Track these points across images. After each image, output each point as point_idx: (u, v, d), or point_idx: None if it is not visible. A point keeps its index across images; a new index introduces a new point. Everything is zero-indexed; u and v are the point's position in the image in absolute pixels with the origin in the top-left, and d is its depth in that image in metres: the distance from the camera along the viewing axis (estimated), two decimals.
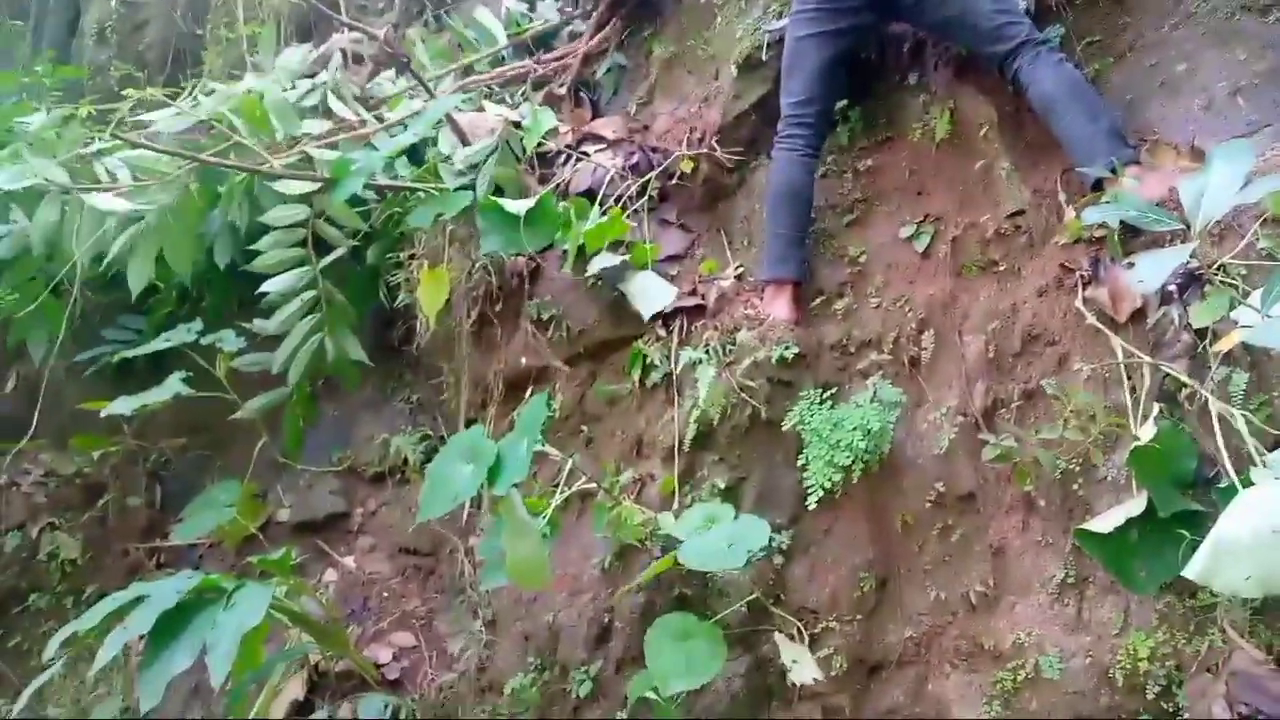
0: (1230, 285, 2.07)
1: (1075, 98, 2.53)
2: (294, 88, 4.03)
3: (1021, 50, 2.62)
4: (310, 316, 3.53)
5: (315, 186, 3.35)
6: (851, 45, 2.92)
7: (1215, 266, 2.10)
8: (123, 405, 3.24)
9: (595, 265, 2.95)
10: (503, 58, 4.15)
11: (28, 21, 6.95)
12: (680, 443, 2.72)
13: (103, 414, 3.29)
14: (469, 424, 3.41)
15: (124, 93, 4.32)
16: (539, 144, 3.46)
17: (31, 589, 3.86)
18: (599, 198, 3.23)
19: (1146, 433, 2.05)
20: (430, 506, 2.44)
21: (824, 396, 2.64)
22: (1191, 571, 1.74)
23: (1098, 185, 2.47)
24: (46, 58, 6.27)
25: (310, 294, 3.49)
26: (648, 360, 2.93)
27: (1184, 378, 2.10)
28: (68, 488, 3.88)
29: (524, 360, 3.25)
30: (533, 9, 4.35)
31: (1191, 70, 2.63)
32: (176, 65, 6.10)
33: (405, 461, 3.72)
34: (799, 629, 2.61)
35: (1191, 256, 1.95)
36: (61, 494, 3.86)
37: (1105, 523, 2.13)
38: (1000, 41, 2.66)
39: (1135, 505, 2.10)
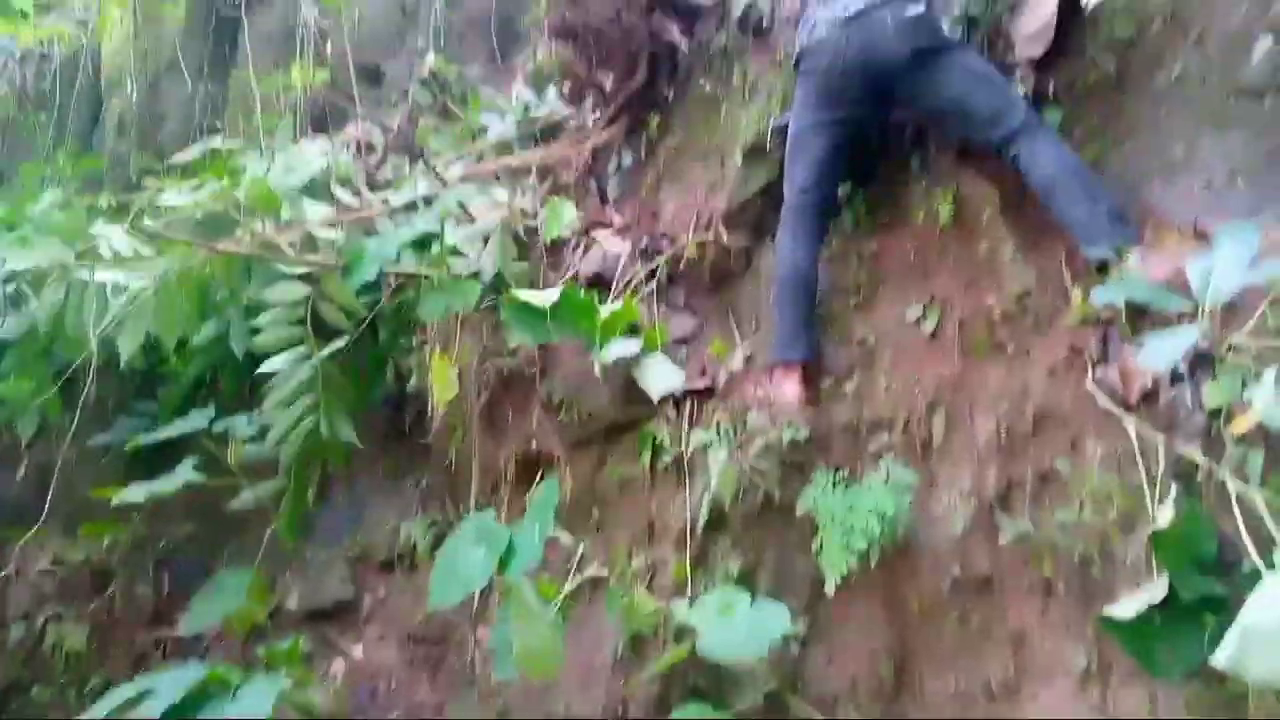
0: (1241, 365, 2.07)
1: (1075, 181, 2.56)
2: (301, 172, 4.12)
3: (1019, 135, 2.67)
4: (306, 396, 3.48)
5: (317, 266, 3.39)
6: (852, 133, 2.99)
7: (1225, 346, 2.10)
8: (134, 493, 3.23)
9: (611, 352, 2.97)
10: (512, 146, 4.24)
11: (51, 113, 7.14)
12: (692, 527, 2.70)
13: (114, 502, 3.28)
14: (479, 509, 3.40)
15: (143, 184, 4.40)
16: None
17: (34, 681, 3.81)
18: (610, 283, 3.28)
19: (1165, 515, 2.03)
20: (441, 594, 2.41)
21: (836, 479, 2.62)
22: (1220, 660, 1.71)
23: (1102, 266, 2.49)
24: (68, 148, 6.45)
25: (307, 374, 3.44)
26: (658, 443, 2.93)
27: (1200, 458, 2.08)
28: (75, 576, 3.85)
29: (534, 444, 3.25)
30: (542, 98, 4.47)
31: (1190, 153, 2.67)
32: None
33: (415, 548, 3.69)
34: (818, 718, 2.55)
35: (1201, 336, 1.95)
36: (68, 583, 3.83)
37: (1127, 608, 2.09)
38: (998, 128, 2.71)
39: (1157, 589, 2.07)
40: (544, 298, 2.97)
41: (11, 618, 3.76)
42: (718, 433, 2.73)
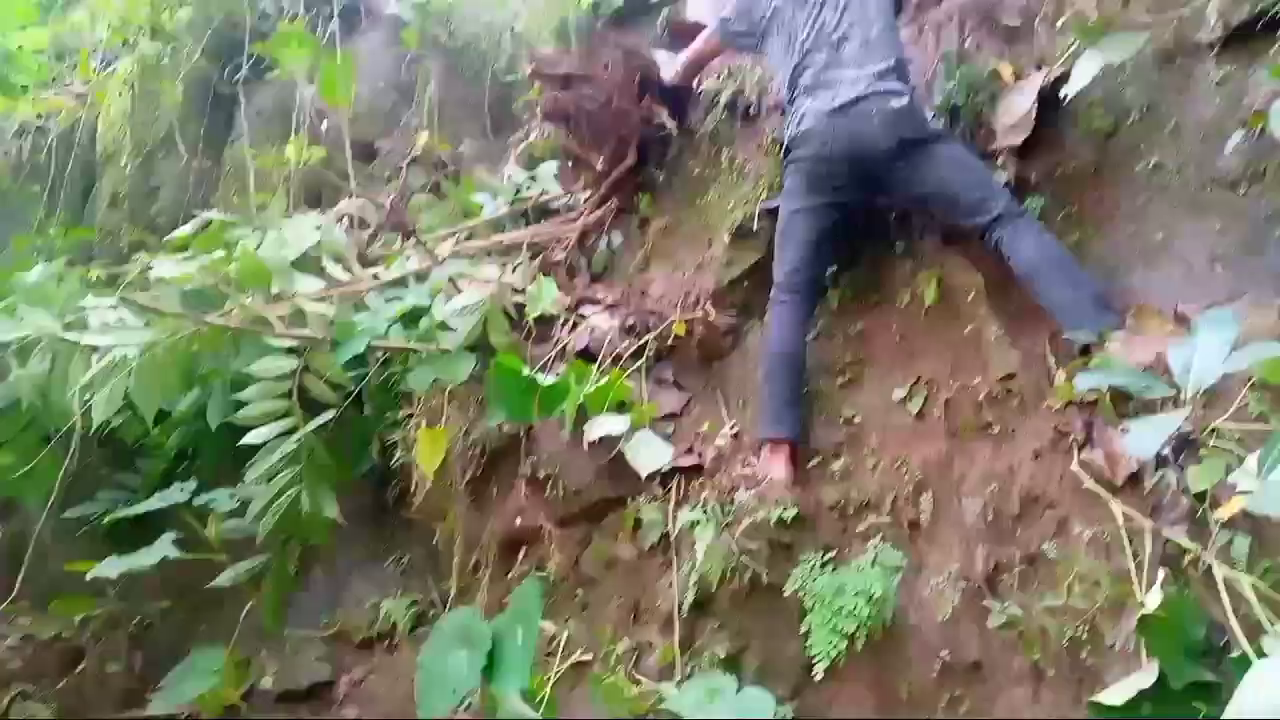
0: (1224, 449, 2.09)
1: (1057, 266, 2.62)
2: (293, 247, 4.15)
3: (1001, 221, 2.74)
4: (289, 471, 3.43)
5: (306, 341, 3.39)
6: (840, 218, 3.05)
7: (1208, 430, 2.12)
8: (110, 568, 3.18)
9: (597, 429, 2.96)
10: (503, 224, 4.29)
11: (45, 185, 7.19)
12: (679, 608, 2.67)
13: (88, 576, 3.22)
14: (461, 589, 3.35)
15: (134, 257, 4.41)
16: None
17: None
18: (597, 359, 3.28)
19: (1153, 600, 2.02)
20: (429, 705, 2.37)
21: (825, 560, 2.61)
22: None
23: (1085, 350, 2.53)
24: (60, 220, 6.49)
25: (290, 447, 3.41)
26: (645, 521, 2.91)
27: (1186, 543, 2.08)
28: (45, 652, 3.75)
29: (519, 521, 3.22)
30: (534, 178, 4.53)
31: (1169, 239, 2.74)
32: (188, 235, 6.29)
33: (395, 627, 3.62)
34: None
35: (1184, 421, 1.97)
36: (38, 659, 3.73)
37: (1117, 695, 2.06)
38: (980, 214, 2.78)
39: (1146, 676, 2.04)
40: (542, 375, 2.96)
41: None
42: (705, 511, 2.71)
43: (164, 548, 3.24)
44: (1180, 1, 2.90)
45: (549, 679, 2.44)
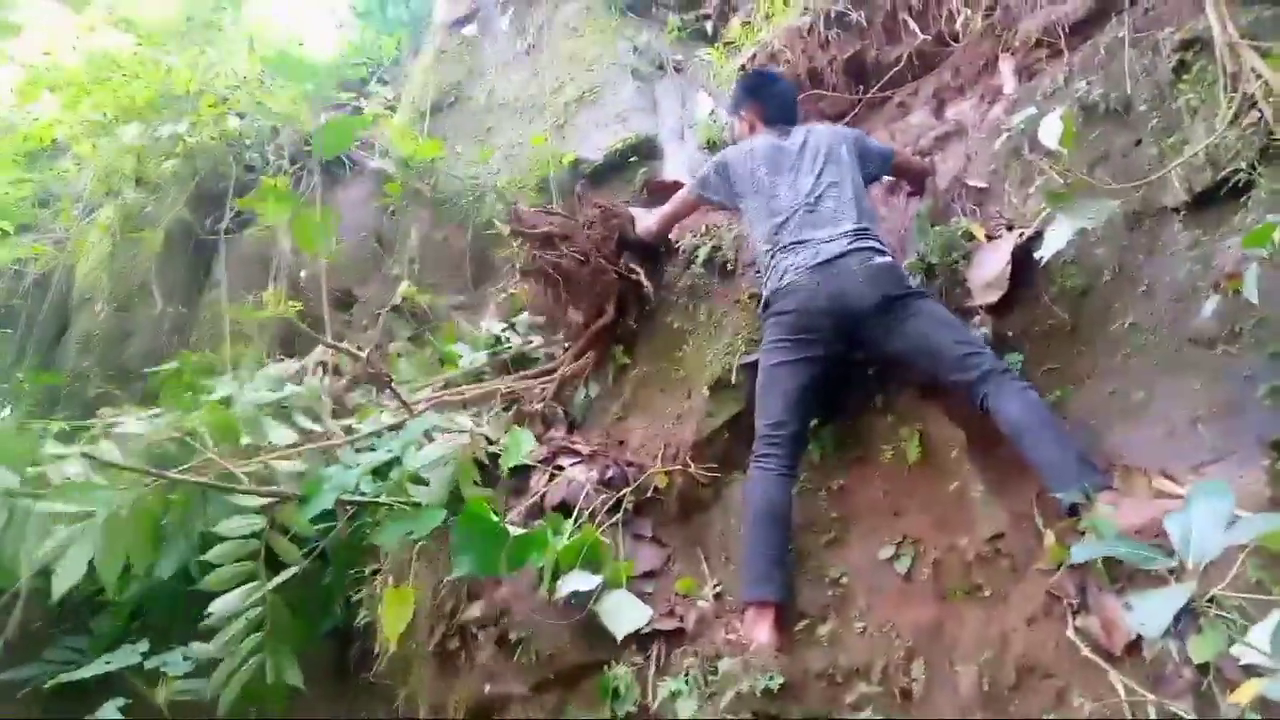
0: (1225, 618, 2.01)
1: (1043, 425, 2.60)
2: (265, 396, 4.09)
3: (986, 379, 2.73)
4: (253, 637, 3.31)
5: (274, 499, 3.28)
6: (821, 371, 3.04)
7: (1207, 599, 2.05)
8: None
9: (568, 585, 2.85)
10: (482, 375, 4.26)
11: (16, 329, 7.14)
12: None
13: None
14: None
15: (99, 408, 4.32)
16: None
17: None
18: (574, 512, 3.19)
19: None
20: None
21: None
22: None
23: (1073, 509, 2.48)
24: (29, 364, 6.40)
25: (256, 612, 3.30)
26: (622, 690, 2.75)
27: (1192, 718, 1.98)
28: None
29: (488, 687, 3.04)
30: (514, 327, 4.54)
31: (1149, 399, 2.74)
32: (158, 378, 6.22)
33: None
34: None
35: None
36: None
37: None
38: (965, 371, 2.78)
39: None
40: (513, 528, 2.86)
41: None
42: (687, 680, 2.58)
43: (109, 714, 3.03)
44: (1145, 167, 3.01)
45: None
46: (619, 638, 2.82)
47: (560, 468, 3.49)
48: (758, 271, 3.62)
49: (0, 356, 6.98)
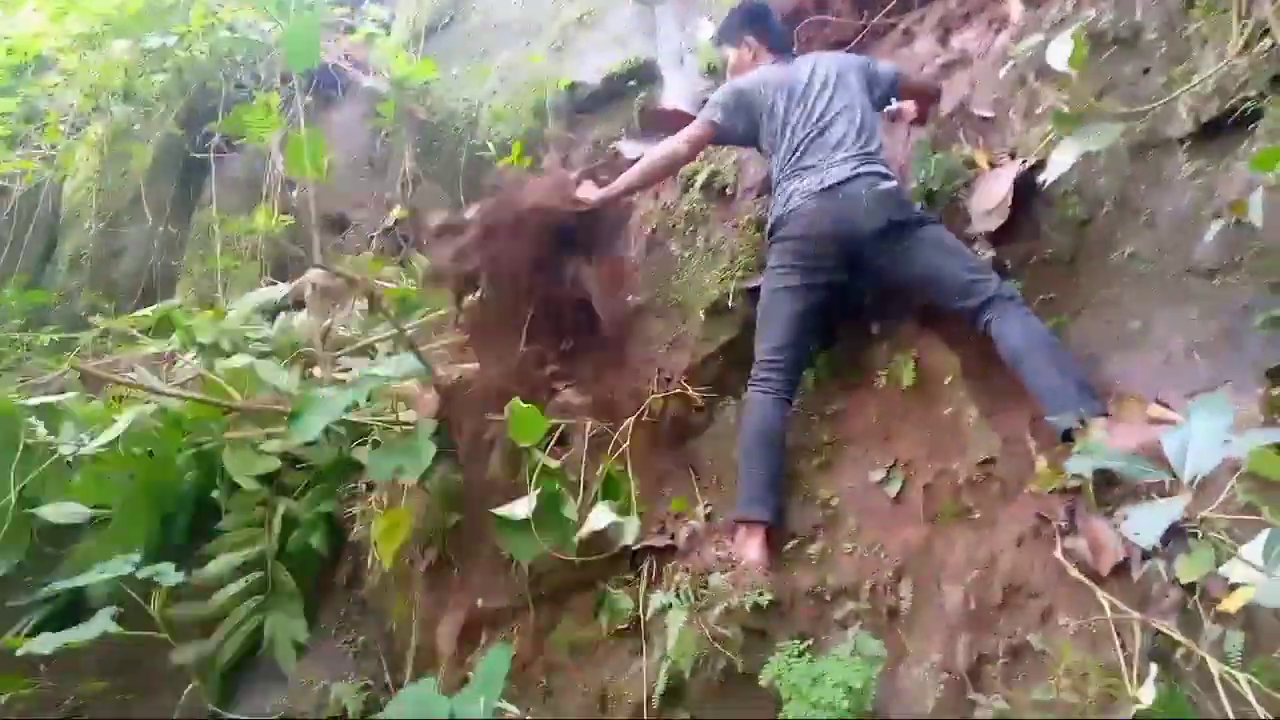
0: (1213, 539, 2.04)
1: (1043, 351, 2.60)
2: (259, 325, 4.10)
3: (990, 305, 2.73)
4: (254, 599, 3.53)
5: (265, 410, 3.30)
6: (824, 298, 3.03)
7: (1198, 520, 2.07)
8: (43, 643, 2.96)
9: (597, 521, 2.86)
10: None
11: (2, 247, 7.05)
12: (649, 697, 2.53)
13: (19, 652, 3.00)
14: (418, 673, 3.17)
15: (90, 319, 4.29)
16: None
17: None
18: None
19: (1146, 695, 1.94)
20: None
21: (802, 648, 2.49)
22: None
23: (1067, 435, 2.49)
24: (17, 283, 6.33)
25: (257, 576, 3.50)
26: (614, 604, 2.79)
27: (1178, 637, 2.01)
28: None
29: (481, 602, 3.08)
30: None
31: (1146, 328, 2.74)
32: (147, 296, 6.17)
33: (345, 711, 3.41)
34: None
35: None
36: None
37: None
38: (969, 297, 2.77)
39: None
40: (521, 509, 2.85)
41: None
42: (677, 595, 2.61)
43: (102, 623, 3.04)
44: (1152, 97, 2.96)
45: None
46: (614, 551, 2.85)
47: (555, 391, 3.49)
48: (758, 196, 3.59)
49: None
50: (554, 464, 3.02)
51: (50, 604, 3.61)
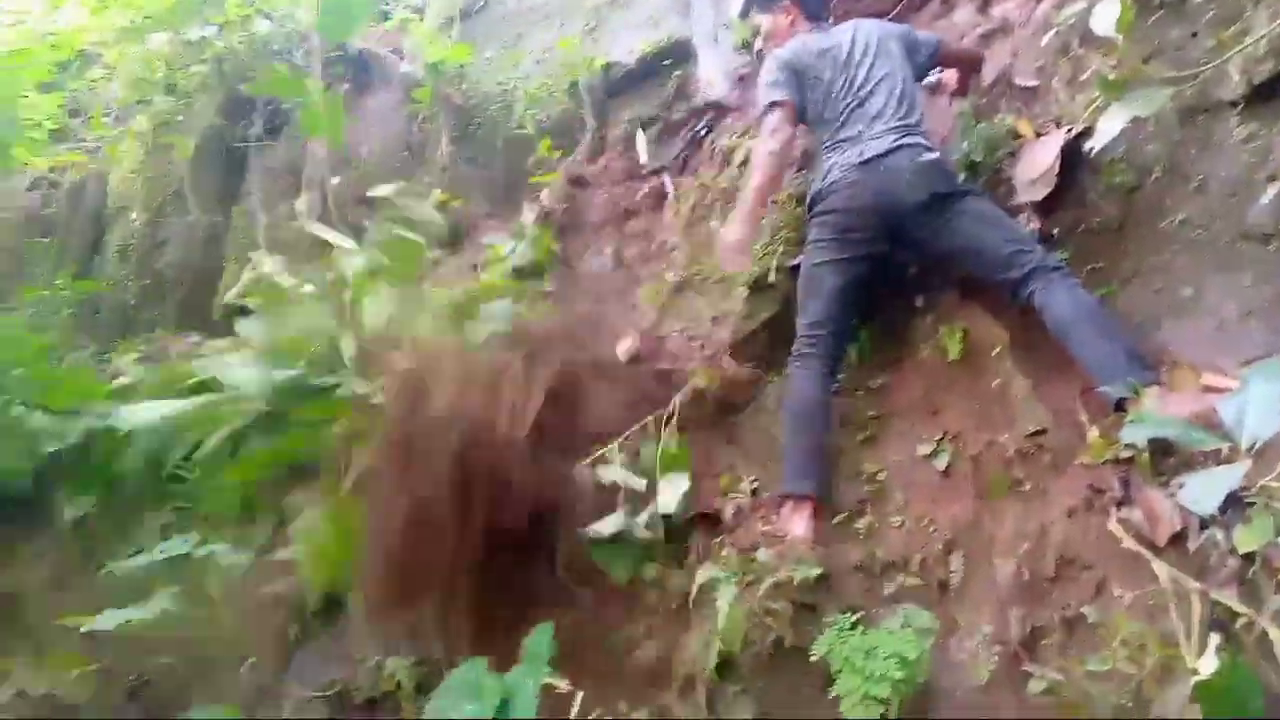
0: (1275, 508, 2.01)
1: (1092, 320, 2.57)
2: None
3: (1034, 276, 2.69)
4: None
5: None
6: (865, 271, 3.01)
7: (1257, 488, 2.04)
8: (107, 620, 3.05)
9: (668, 491, 2.88)
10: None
11: (53, 238, 7.20)
12: (700, 671, 2.55)
13: (83, 629, 3.10)
14: (472, 651, 3.22)
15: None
16: None
17: None
18: None
19: (1207, 666, 1.92)
20: None
21: (853, 621, 2.49)
22: None
23: (1119, 406, 2.46)
24: (68, 273, 6.48)
25: None
26: (663, 579, 2.81)
27: (1238, 607, 1.99)
28: (39, 709, 3.58)
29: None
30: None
31: (1198, 295, 2.69)
32: (194, 287, 6.30)
33: (399, 686, 3.47)
34: None
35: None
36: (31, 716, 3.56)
37: None
38: (1012, 269, 2.74)
39: None
40: (608, 526, 2.88)
41: None
42: (725, 570, 2.62)
43: (163, 601, 3.13)
44: (1201, 60, 2.90)
45: None
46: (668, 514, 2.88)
47: None
48: (799, 170, 3.57)
49: (40, 265, 7.06)
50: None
51: None
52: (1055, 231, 3.07)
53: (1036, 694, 2.27)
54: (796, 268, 3.22)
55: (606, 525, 2.85)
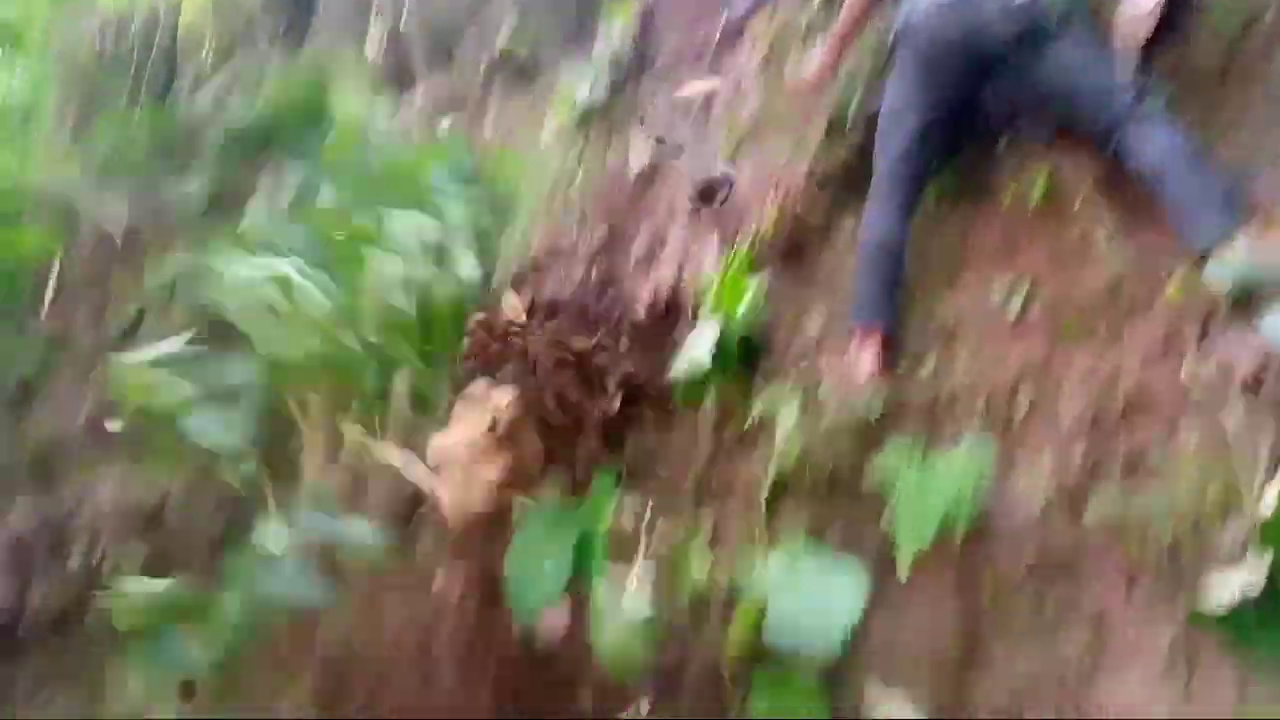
0: None
1: (1186, 164, 2.48)
2: None
3: (1128, 121, 2.59)
4: None
5: None
6: (947, 112, 2.93)
7: None
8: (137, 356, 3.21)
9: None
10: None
11: (127, 75, 7.27)
12: (762, 491, 2.64)
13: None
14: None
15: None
16: None
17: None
18: None
19: (1269, 503, 1.94)
20: (522, 607, 2.43)
21: (912, 453, 2.55)
22: None
23: (1205, 253, 2.40)
24: (144, 108, 6.57)
25: None
26: (728, 402, 2.86)
27: None
28: (134, 510, 3.83)
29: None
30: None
31: None
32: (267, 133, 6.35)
33: None
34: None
35: None
36: (128, 516, 3.81)
37: (1220, 597, 2.00)
38: (1105, 110, 2.64)
39: (1255, 579, 1.98)
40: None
41: (70, 550, 3.75)
42: (789, 394, 2.66)
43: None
44: None
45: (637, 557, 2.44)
46: None
47: None
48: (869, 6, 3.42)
49: (115, 101, 7.15)
50: None
51: None
52: (1153, 77, 2.93)
53: (1091, 524, 2.31)
54: (874, 117, 3.14)
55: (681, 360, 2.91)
